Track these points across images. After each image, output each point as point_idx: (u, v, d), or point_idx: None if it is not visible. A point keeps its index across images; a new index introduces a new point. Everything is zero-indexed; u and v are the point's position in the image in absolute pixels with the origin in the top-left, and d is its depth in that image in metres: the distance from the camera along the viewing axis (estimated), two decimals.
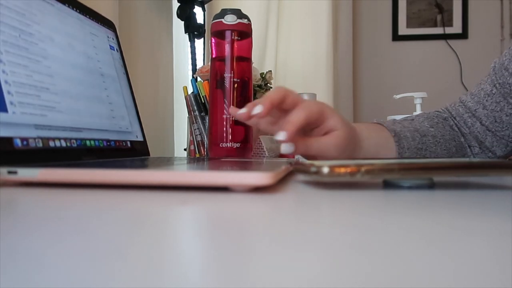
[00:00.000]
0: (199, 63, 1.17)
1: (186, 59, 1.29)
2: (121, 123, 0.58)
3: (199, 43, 1.19)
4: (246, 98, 0.64)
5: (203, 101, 0.81)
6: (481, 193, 0.28)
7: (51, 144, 0.41)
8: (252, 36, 0.65)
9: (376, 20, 2.02)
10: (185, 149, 0.86)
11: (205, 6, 1.20)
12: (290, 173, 0.41)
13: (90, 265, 0.11)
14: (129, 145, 0.58)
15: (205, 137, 0.80)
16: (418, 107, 1.10)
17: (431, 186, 0.31)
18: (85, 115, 0.49)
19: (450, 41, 1.98)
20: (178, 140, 1.24)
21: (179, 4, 1.10)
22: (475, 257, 0.12)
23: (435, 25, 1.99)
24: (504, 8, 1.95)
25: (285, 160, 0.50)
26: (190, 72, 1.15)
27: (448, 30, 1.98)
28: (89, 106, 0.51)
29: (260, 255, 0.13)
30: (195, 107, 0.81)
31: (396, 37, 2.01)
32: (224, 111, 0.62)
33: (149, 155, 0.63)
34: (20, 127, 0.38)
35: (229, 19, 0.62)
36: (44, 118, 0.42)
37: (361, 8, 2.02)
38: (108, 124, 0.54)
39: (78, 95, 0.49)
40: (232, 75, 0.62)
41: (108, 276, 0.11)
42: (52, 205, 0.22)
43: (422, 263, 0.12)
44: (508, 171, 0.30)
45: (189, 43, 1.13)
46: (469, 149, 0.63)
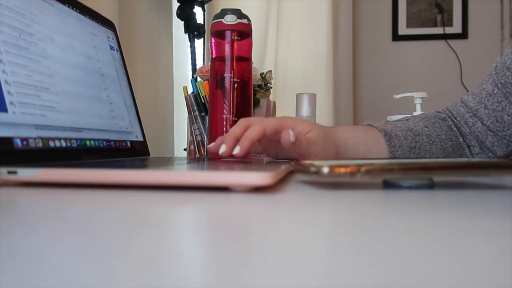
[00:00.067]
0: (199, 63, 1.17)
1: (186, 59, 1.29)
2: (121, 123, 0.58)
3: (199, 43, 1.19)
4: (246, 98, 0.64)
5: (203, 101, 0.81)
6: (481, 193, 0.28)
7: (51, 144, 0.41)
8: (252, 36, 0.65)
9: (376, 20, 2.02)
10: (185, 149, 0.86)
11: (205, 6, 1.20)
12: (290, 173, 0.41)
13: (90, 265, 0.11)
14: (129, 145, 0.58)
15: (205, 137, 0.80)
16: (418, 107, 1.10)
17: (431, 186, 0.31)
18: (85, 115, 0.49)
19: (450, 41, 1.98)
20: (178, 140, 1.24)
21: (179, 4, 1.10)
22: (475, 257, 0.12)
23: (435, 25, 1.99)
24: (504, 8, 1.95)
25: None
26: (190, 72, 1.15)
27: (448, 30, 1.98)
28: (89, 106, 0.51)
29: (260, 255, 0.13)
30: (195, 107, 0.81)
31: (396, 37, 2.01)
32: (224, 111, 0.62)
33: (149, 155, 0.63)
34: (20, 127, 0.38)
35: (229, 19, 0.62)
36: (44, 118, 0.42)
37: (361, 8, 2.02)
38: (108, 124, 0.54)
39: (78, 95, 0.49)
40: (232, 75, 0.62)
41: (108, 276, 0.11)
42: (52, 205, 0.22)
43: (422, 263, 0.12)
44: (508, 171, 0.30)
45: (189, 43, 1.13)
46: (468, 149, 0.63)
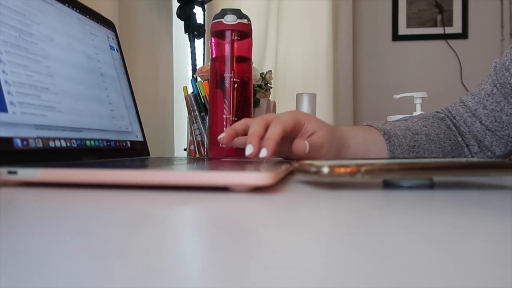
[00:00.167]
0: (199, 63, 1.17)
1: (186, 59, 1.29)
2: (121, 123, 0.58)
3: (199, 43, 1.19)
4: (246, 98, 0.64)
5: (203, 101, 0.81)
6: (481, 193, 0.28)
7: (51, 144, 0.41)
8: (252, 36, 0.65)
9: (376, 20, 2.02)
10: (185, 149, 0.86)
11: (205, 6, 1.20)
12: (290, 173, 0.41)
13: (90, 265, 0.11)
14: (129, 145, 0.58)
15: (205, 137, 0.80)
16: (418, 107, 1.10)
17: (431, 186, 0.31)
18: (85, 115, 0.49)
19: (450, 41, 1.98)
20: (178, 140, 1.24)
21: (179, 4, 1.10)
22: (475, 257, 0.12)
23: (435, 25, 1.99)
24: (504, 8, 1.95)
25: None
26: (190, 72, 1.15)
27: (448, 30, 1.98)
28: (89, 106, 0.51)
29: (260, 255, 0.13)
30: (195, 107, 0.81)
31: (396, 37, 2.01)
32: (224, 111, 0.62)
33: (149, 155, 0.63)
34: (20, 127, 0.38)
35: (229, 19, 0.62)
36: (44, 118, 0.42)
37: (361, 8, 2.02)
38: (108, 124, 0.54)
39: (78, 95, 0.49)
40: (232, 75, 0.62)
41: (108, 276, 0.11)
42: (52, 205, 0.22)
43: (422, 263, 0.12)
44: (508, 171, 0.30)
45: (189, 43, 1.13)
46: (467, 148, 0.63)
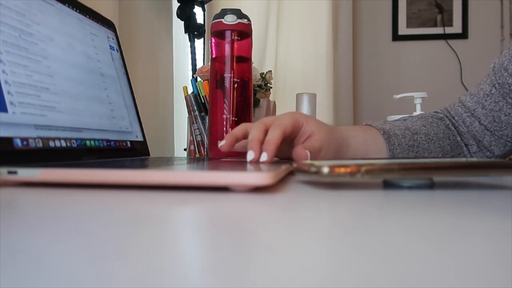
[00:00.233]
0: (199, 63, 1.17)
1: (186, 59, 1.29)
2: (121, 123, 0.58)
3: (199, 43, 1.19)
4: (246, 98, 0.64)
5: (203, 101, 0.81)
6: (481, 193, 0.28)
7: (51, 144, 0.41)
8: (252, 36, 0.65)
9: (376, 20, 2.02)
10: (185, 149, 0.86)
11: (205, 6, 1.20)
12: (290, 173, 0.41)
13: (90, 265, 0.11)
14: (129, 145, 0.58)
15: (205, 137, 0.80)
16: (418, 107, 1.10)
17: (431, 186, 0.31)
18: (85, 115, 0.49)
19: (450, 41, 1.98)
20: (178, 140, 1.24)
21: (179, 4, 1.10)
22: (475, 257, 0.12)
23: (435, 25, 1.99)
24: (504, 8, 1.95)
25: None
26: (190, 72, 1.15)
27: (448, 30, 1.98)
28: (89, 106, 0.51)
29: (260, 255, 0.13)
30: (195, 107, 0.81)
31: (396, 37, 2.01)
32: (224, 111, 0.62)
33: (149, 155, 0.63)
34: (20, 127, 0.38)
35: (229, 19, 0.62)
36: (44, 118, 0.42)
37: (361, 8, 2.02)
38: (108, 124, 0.54)
39: (78, 95, 0.49)
40: (232, 75, 0.62)
41: (108, 276, 0.11)
42: (52, 205, 0.22)
43: (422, 263, 0.12)
44: (508, 171, 0.30)
45: (189, 43, 1.13)
46: (466, 148, 0.63)
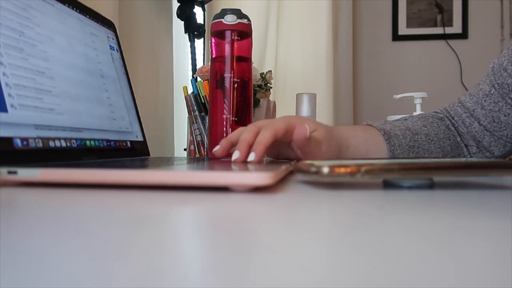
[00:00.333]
0: (199, 63, 1.17)
1: (186, 59, 1.29)
2: (121, 123, 0.58)
3: (199, 43, 1.19)
4: (246, 98, 0.64)
5: (203, 101, 0.81)
6: (481, 193, 0.28)
7: (51, 144, 0.41)
8: (252, 36, 0.65)
9: (376, 20, 2.02)
10: (185, 149, 0.86)
11: (205, 6, 1.20)
12: (290, 173, 0.41)
13: (90, 265, 0.11)
14: (129, 145, 0.58)
15: (205, 137, 0.80)
16: (418, 107, 1.10)
17: (431, 186, 0.31)
18: (85, 116, 0.49)
19: (450, 41, 1.98)
20: (178, 140, 1.24)
21: (179, 4, 1.10)
22: (475, 257, 0.12)
23: (435, 25, 1.99)
24: (504, 8, 1.95)
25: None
26: (190, 72, 1.15)
27: (448, 30, 1.98)
28: (89, 107, 0.51)
29: (260, 255, 0.13)
30: (195, 107, 0.81)
31: (396, 37, 2.01)
32: (224, 111, 0.62)
33: (149, 155, 0.63)
34: (20, 127, 0.38)
35: (229, 19, 0.62)
36: (44, 118, 0.42)
37: (361, 8, 2.02)
38: (108, 124, 0.54)
39: (78, 96, 0.49)
40: (232, 75, 0.62)
41: (108, 276, 0.11)
42: (52, 205, 0.22)
43: (422, 263, 0.12)
44: (508, 171, 0.30)
45: (189, 43, 1.13)
46: (466, 149, 0.63)
